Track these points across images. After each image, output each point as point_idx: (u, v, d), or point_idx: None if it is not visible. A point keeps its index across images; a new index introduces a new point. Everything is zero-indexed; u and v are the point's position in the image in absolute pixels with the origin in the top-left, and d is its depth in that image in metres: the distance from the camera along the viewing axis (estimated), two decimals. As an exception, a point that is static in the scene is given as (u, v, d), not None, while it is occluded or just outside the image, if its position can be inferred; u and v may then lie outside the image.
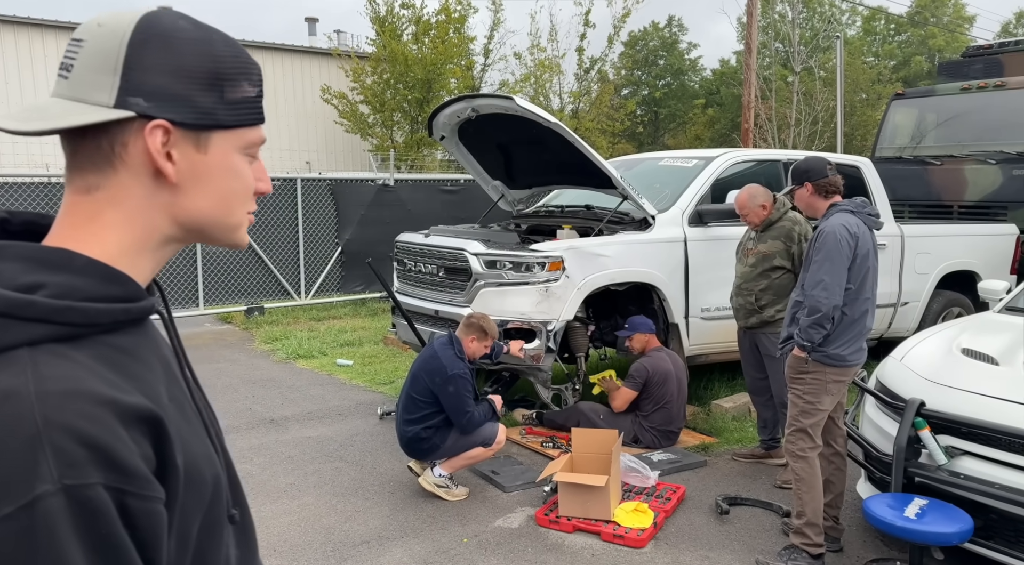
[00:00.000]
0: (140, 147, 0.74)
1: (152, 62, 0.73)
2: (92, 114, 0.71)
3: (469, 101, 5.49)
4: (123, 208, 0.75)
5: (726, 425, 5.36)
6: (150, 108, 0.73)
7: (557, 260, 4.92)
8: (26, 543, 0.57)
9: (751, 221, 4.45)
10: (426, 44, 18.13)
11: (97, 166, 0.74)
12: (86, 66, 0.73)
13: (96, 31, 0.74)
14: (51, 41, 17.14)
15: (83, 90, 0.73)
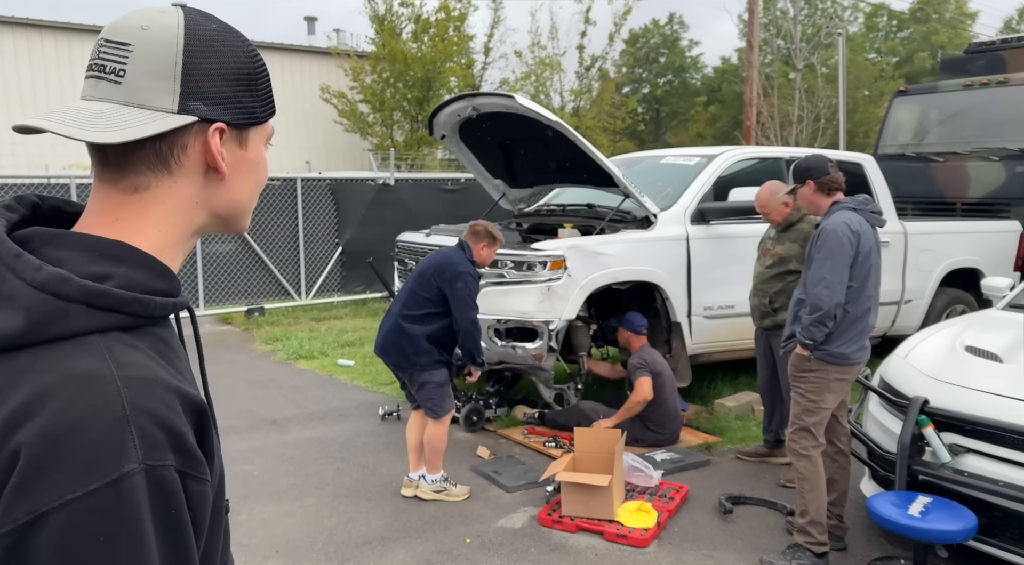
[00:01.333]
0: (198, 149, 0.79)
1: (205, 68, 0.78)
2: (162, 121, 0.75)
3: (470, 100, 5.47)
4: (169, 207, 0.79)
5: (729, 424, 5.35)
6: (209, 112, 0.78)
7: (559, 259, 4.91)
8: (110, 517, 0.62)
9: (772, 219, 4.42)
10: (425, 42, 18.10)
11: (152, 168, 0.77)
12: (141, 72, 0.76)
13: (144, 36, 0.76)
14: (50, 42, 17.13)
15: (142, 96, 0.76)
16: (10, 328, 0.68)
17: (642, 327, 5.06)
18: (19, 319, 0.68)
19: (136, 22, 0.77)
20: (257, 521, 3.98)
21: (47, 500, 0.61)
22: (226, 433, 5.42)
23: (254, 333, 9.10)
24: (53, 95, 17.04)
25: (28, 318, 0.68)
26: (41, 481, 0.62)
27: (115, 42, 0.77)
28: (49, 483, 0.62)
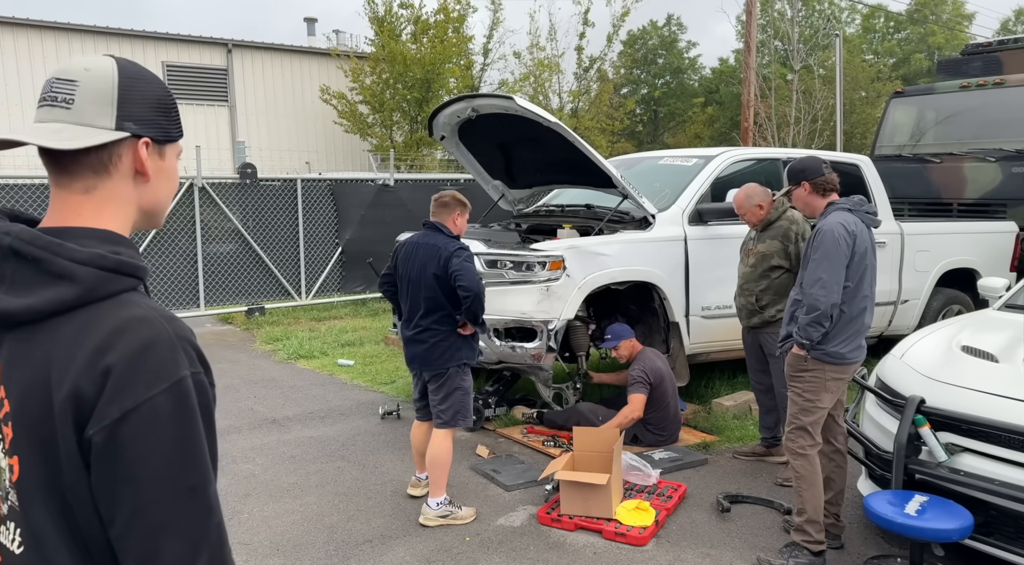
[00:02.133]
0: (129, 157, 1.03)
1: (134, 97, 1.03)
2: (104, 134, 1.00)
3: (469, 101, 5.50)
4: (114, 203, 1.03)
5: (727, 423, 5.38)
6: (139, 129, 1.03)
7: (558, 259, 4.94)
8: (175, 407, 0.91)
9: (749, 221, 4.46)
10: (425, 44, 18.07)
11: (96, 173, 1.01)
12: (87, 100, 1.01)
13: (87, 74, 1.02)
14: (50, 43, 17.13)
15: (88, 117, 1.00)
16: (70, 294, 0.94)
17: (631, 334, 5.08)
18: (75, 288, 0.94)
19: (80, 65, 1.03)
20: (258, 519, 4.00)
21: (132, 400, 0.90)
22: (227, 432, 5.45)
23: (254, 333, 9.13)
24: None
25: (82, 286, 0.94)
26: (128, 388, 0.90)
27: (64, 79, 1.02)
28: (133, 389, 0.90)
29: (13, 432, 0.97)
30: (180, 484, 0.92)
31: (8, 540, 1.01)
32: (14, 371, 0.97)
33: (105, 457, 0.90)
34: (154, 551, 0.90)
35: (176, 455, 0.92)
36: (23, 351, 0.97)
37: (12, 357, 0.98)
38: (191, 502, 0.92)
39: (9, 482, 0.98)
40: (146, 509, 0.90)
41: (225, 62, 18.89)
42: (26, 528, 0.98)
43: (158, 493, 0.90)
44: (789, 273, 4.35)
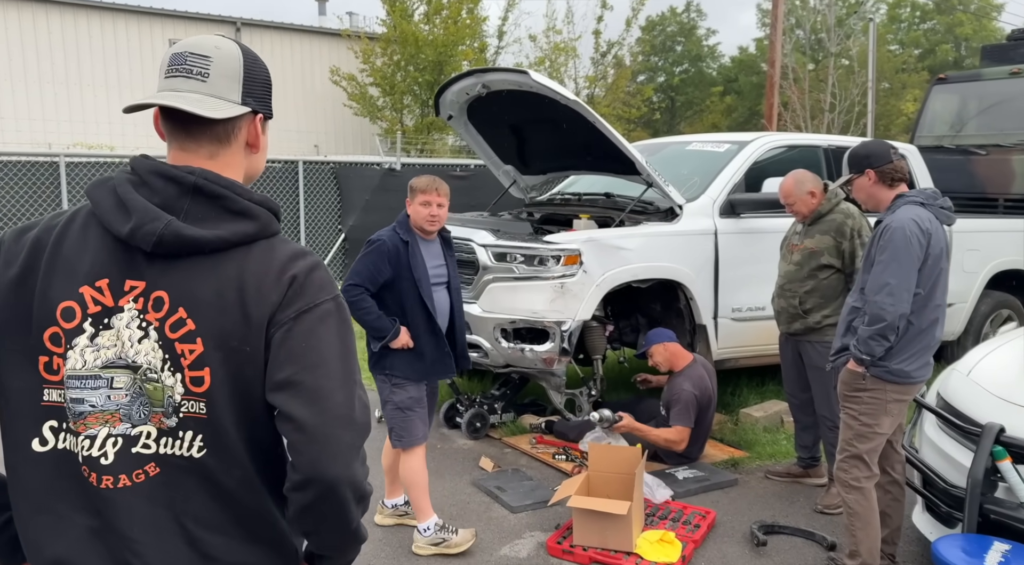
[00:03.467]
0: (245, 130, 1.21)
1: (254, 77, 1.21)
2: (236, 108, 1.18)
3: (480, 76, 4.99)
4: (232, 168, 1.20)
5: (757, 437, 4.88)
6: (257, 105, 1.21)
7: (574, 253, 4.44)
8: (337, 311, 1.16)
9: (798, 211, 3.93)
10: (437, 24, 17.60)
11: (219, 141, 1.19)
12: (220, 75, 1.17)
13: (218, 53, 1.18)
14: (55, 19, 16.71)
15: (221, 91, 1.17)
16: (252, 229, 1.15)
17: (673, 335, 4.54)
18: (255, 224, 1.15)
19: (211, 43, 1.18)
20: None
21: (308, 302, 1.13)
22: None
23: (250, 323, 8.68)
24: (58, 72, 16.64)
25: (260, 223, 1.16)
26: (306, 293, 1.13)
27: (198, 54, 1.17)
28: (309, 293, 1.13)
29: (205, 347, 1.10)
30: (346, 369, 1.11)
31: (182, 448, 1.12)
32: (199, 293, 1.10)
33: (288, 338, 1.10)
34: (325, 392, 1.08)
35: (340, 347, 1.12)
36: (206, 276, 1.10)
37: (192, 280, 1.10)
38: (350, 387, 1.10)
39: (184, 396, 1.11)
40: (323, 384, 1.09)
41: (234, 41, 18.50)
42: (212, 433, 1.12)
43: (335, 373, 1.09)
44: (839, 274, 3.83)
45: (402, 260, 3.35)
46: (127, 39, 17.44)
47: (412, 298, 3.36)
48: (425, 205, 3.38)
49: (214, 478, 1.12)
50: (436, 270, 3.47)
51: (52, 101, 16.62)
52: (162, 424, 1.12)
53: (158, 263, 1.11)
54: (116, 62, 17.23)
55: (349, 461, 1.08)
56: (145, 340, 1.11)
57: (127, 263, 1.11)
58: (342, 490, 1.08)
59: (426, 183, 3.39)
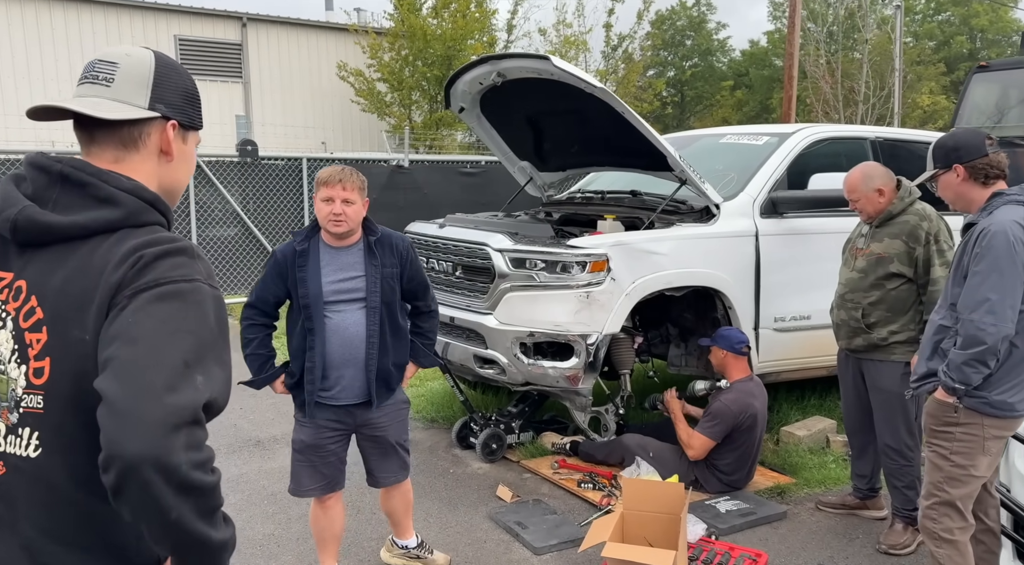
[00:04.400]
0: (157, 136, 1.20)
1: (166, 84, 1.21)
2: (139, 111, 1.18)
3: (495, 63, 4.54)
4: (140, 175, 1.17)
5: (802, 460, 4.41)
6: (168, 112, 1.21)
7: (601, 259, 3.99)
8: (192, 295, 1.07)
9: (863, 210, 3.45)
10: (446, 18, 17.23)
11: (125, 146, 1.18)
12: (125, 80, 1.18)
13: (127, 59, 1.20)
14: (59, 15, 16.38)
15: (125, 95, 1.18)
16: (114, 216, 1.11)
17: (742, 344, 4.05)
18: (119, 211, 1.11)
19: (122, 51, 1.21)
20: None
21: (151, 280, 1.05)
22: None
23: (251, 328, 8.28)
24: (62, 69, 16.32)
25: (125, 210, 1.12)
26: (153, 270, 1.06)
27: (106, 61, 1.19)
28: (157, 270, 1.06)
29: (48, 335, 1.07)
30: (175, 347, 1.01)
31: (21, 447, 1.07)
32: (50, 280, 1.09)
33: (118, 317, 1.03)
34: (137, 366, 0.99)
35: (174, 324, 1.03)
36: (60, 264, 1.09)
37: (47, 269, 1.09)
38: (174, 366, 1.00)
39: (25, 389, 1.07)
40: (138, 358, 0.99)
41: (240, 36, 18.26)
42: (48, 430, 1.07)
43: (155, 349, 1.00)
44: (910, 284, 3.36)
45: (290, 274, 2.79)
46: (132, 35, 17.11)
47: (299, 320, 2.82)
48: (327, 202, 2.72)
49: (51, 481, 1.06)
50: (342, 284, 2.79)
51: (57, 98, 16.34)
52: (7, 420, 1.08)
53: (27, 253, 1.11)
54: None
55: (155, 438, 0.95)
56: (2, 330, 1.10)
57: (2, 256, 1.13)
58: (144, 470, 0.95)
59: (328, 174, 2.76)
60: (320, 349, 2.78)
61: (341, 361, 2.82)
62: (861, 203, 3.42)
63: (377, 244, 2.85)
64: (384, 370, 2.87)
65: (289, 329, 2.89)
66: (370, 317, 2.80)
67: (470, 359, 4.34)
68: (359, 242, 2.85)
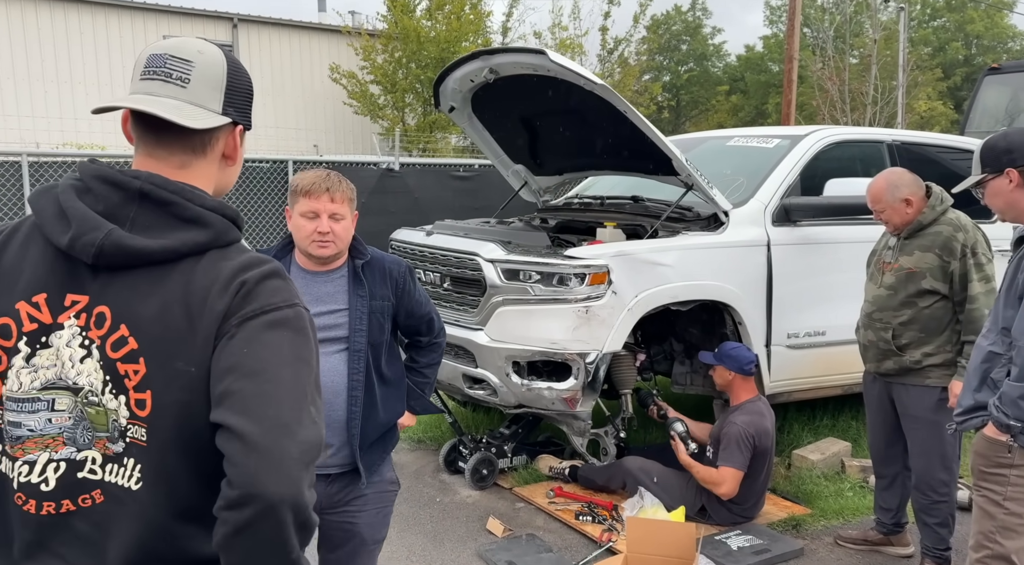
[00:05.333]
0: (223, 142, 1.15)
1: (236, 87, 1.15)
2: (216, 118, 1.12)
3: (487, 59, 4.21)
4: (203, 180, 1.13)
5: (817, 487, 4.09)
6: (236, 116, 1.16)
7: (601, 271, 3.66)
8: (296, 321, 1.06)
9: (889, 221, 3.14)
10: (440, 20, 16.98)
11: (194, 151, 1.12)
12: (201, 82, 1.11)
13: (201, 58, 1.12)
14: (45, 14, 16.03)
15: (201, 99, 1.11)
16: (203, 237, 1.07)
17: (751, 364, 3.75)
18: (208, 232, 1.07)
19: (194, 47, 1.12)
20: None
21: (258, 307, 1.03)
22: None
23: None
24: (48, 68, 16.00)
25: (213, 231, 1.07)
26: (258, 297, 1.03)
27: (179, 58, 1.11)
28: (262, 297, 1.04)
29: (146, 367, 1.02)
30: (296, 379, 1.00)
31: (124, 477, 1.03)
32: (142, 309, 1.02)
33: (227, 346, 1.00)
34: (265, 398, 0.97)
35: (289, 354, 1.00)
36: (151, 290, 1.03)
37: (135, 295, 1.03)
38: (299, 399, 0.99)
39: (128, 419, 1.03)
40: (264, 391, 0.97)
41: (230, 37, 18.00)
42: (151, 462, 1.03)
43: (279, 382, 0.98)
44: (945, 301, 3.04)
45: None
46: (120, 35, 16.81)
47: None
48: (310, 218, 2.13)
49: (149, 513, 1.03)
50: (319, 320, 2.04)
51: (42, 99, 15.95)
52: (107, 450, 1.06)
53: (102, 276, 1.05)
54: (108, 59, 16.63)
55: (295, 477, 0.94)
56: (88, 359, 1.06)
57: (69, 276, 1.07)
58: (283, 511, 0.93)
59: (311, 182, 2.15)
60: None
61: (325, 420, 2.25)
62: (887, 214, 3.10)
63: (366, 270, 2.23)
64: (373, 430, 2.23)
65: None
66: (353, 362, 2.18)
67: (459, 378, 4.01)
68: (343, 267, 2.23)
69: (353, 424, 2.17)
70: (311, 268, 2.22)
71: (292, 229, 2.19)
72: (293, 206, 2.18)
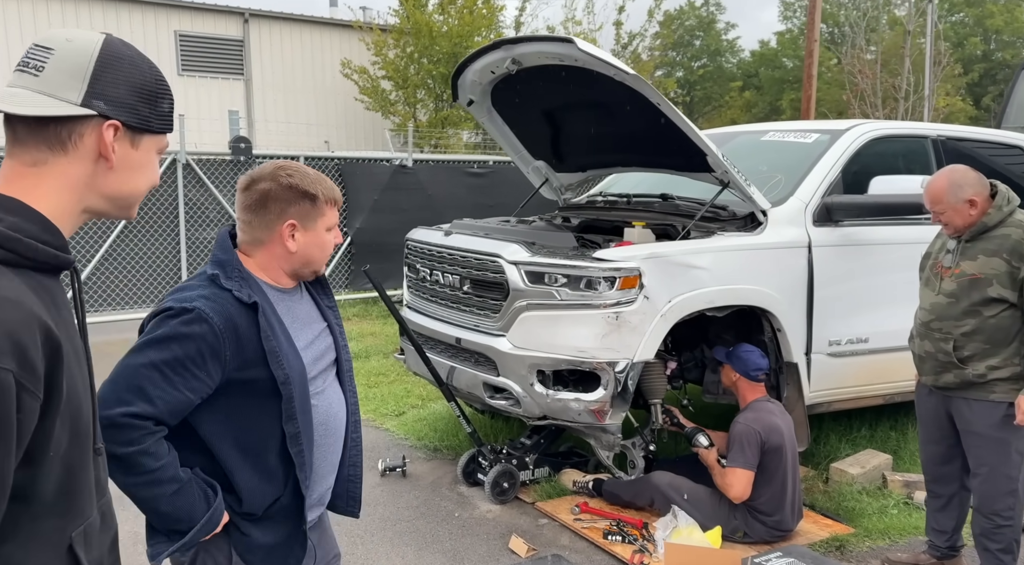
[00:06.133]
0: (93, 138, 1.01)
1: (112, 78, 1.02)
2: (64, 108, 0.98)
3: (509, 48, 3.98)
4: (62, 181, 1.00)
5: (859, 504, 3.85)
6: (107, 110, 1.01)
7: (632, 274, 3.43)
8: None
9: (950, 223, 2.89)
10: (452, 15, 16.78)
11: (50, 147, 1.00)
12: (57, 70, 0.99)
13: (66, 45, 1.01)
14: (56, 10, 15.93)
15: (53, 87, 0.99)
16: None
17: (759, 371, 3.58)
18: None
19: (63, 35, 1.02)
20: None
21: None
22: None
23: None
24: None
25: None
26: None
27: (41, 46, 1.01)
28: None
29: None
30: None
31: None
32: None
33: None
34: None
35: None
36: None
37: None
38: None
39: None
40: None
41: (241, 32, 17.90)
42: None
43: None
44: (1014, 310, 2.79)
45: (248, 348, 1.60)
46: (131, 31, 16.68)
47: (267, 419, 1.64)
48: (329, 230, 1.75)
49: None
50: (317, 347, 1.78)
51: None
52: None
53: None
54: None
55: None
56: None
57: None
58: None
59: (330, 185, 1.74)
60: (311, 459, 1.70)
61: (330, 468, 1.81)
62: (947, 215, 2.85)
63: (322, 278, 1.88)
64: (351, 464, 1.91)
65: (219, 447, 1.65)
66: (347, 385, 1.87)
67: (479, 387, 3.80)
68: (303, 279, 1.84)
69: (355, 453, 1.90)
70: (284, 285, 1.75)
71: (305, 247, 1.70)
72: (312, 220, 1.69)
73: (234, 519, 1.67)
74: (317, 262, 1.76)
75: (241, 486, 1.65)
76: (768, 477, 3.44)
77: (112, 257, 7.78)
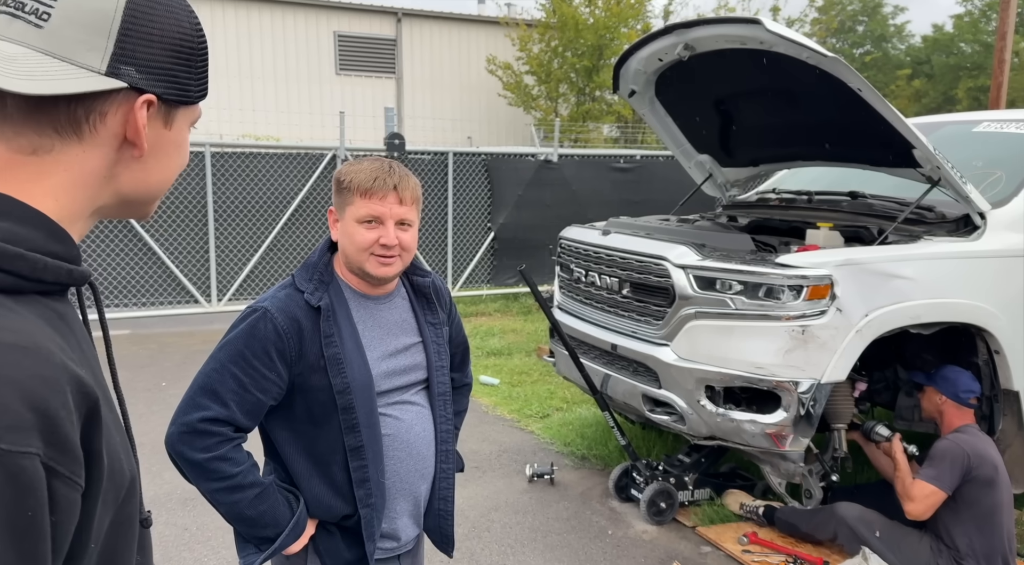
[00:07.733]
0: (119, 119, 0.72)
1: (146, 31, 0.71)
2: (86, 80, 0.68)
3: (682, 33, 3.66)
4: (71, 176, 0.72)
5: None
6: (141, 80, 0.72)
7: (823, 283, 3.02)
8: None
9: None
10: (599, 6, 16.50)
11: (60, 131, 0.70)
12: (71, 19, 0.68)
13: None
14: (205, 10, 17.19)
15: (66, 47, 0.68)
16: None
17: (970, 394, 3.08)
18: None
19: None
20: None
21: None
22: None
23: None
24: (232, 66, 17.19)
25: None
26: None
27: None
28: None
29: None
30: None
31: None
32: None
33: None
34: None
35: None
36: None
37: None
38: None
39: None
40: None
41: (394, 32, 18.58)
42: None
43: None
44: None
45: (310, 351, 1.56)
46: (295, 31, 17.77)
47: (332, 429, 1.59)
48: (370, 224, 1.58)
49: None
50: (397, 360, 1.67)
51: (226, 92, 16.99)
52: None
53: None
54: (284, 54, 17.70)
55: None
56: None
57: None
58: None
59: (373, 175, 1.57)
60: (377, 476, 1.61)
61: (407, 490, 1.69)
62: None
63: (433, 290, 1.76)
64: (442, 503, 1.78)
65: (289, 454, 1.64)
66: (439, 410, 1.73)
67: (637, 398, 3.53)
68: (399, 287, 1.74)
69: (445, 486, 1.76)
70: (369, 291, 1.67)
71: (341, 238, 1.62)
72: (343, 208, 1.61)
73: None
74: (352, 256, 1.61)
75: (308, 497, 1.64)
76: (973, 508, 2.94)
77: (272, 251, 8.14)
